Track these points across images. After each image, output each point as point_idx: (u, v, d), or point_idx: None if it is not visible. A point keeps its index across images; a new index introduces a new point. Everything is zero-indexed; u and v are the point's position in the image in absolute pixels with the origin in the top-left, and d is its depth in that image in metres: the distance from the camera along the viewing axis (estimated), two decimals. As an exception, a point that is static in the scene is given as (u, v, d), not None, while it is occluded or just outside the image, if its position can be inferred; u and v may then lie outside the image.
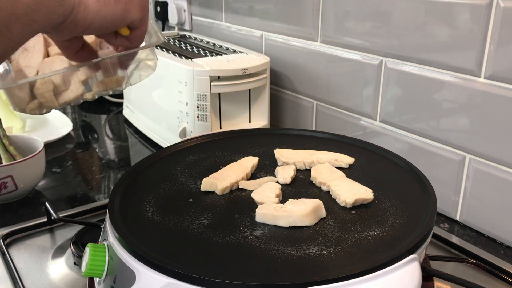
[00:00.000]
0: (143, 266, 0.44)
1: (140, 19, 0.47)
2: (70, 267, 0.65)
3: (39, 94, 0.51)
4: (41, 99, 0.51)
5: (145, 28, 0.50)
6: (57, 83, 0.51)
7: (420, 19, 0.75)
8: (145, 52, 0.56)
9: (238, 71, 0.91)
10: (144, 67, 0.57)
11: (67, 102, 0.53)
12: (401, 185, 0.59)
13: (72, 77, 0.52)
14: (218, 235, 0.49)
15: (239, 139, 0.75)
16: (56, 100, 0.52)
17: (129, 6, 0.45)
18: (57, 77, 0.51)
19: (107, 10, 0.42)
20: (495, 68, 0.67)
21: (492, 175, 0.70)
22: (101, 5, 0.42)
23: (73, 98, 0.53)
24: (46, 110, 0.52)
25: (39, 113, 0.52)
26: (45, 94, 0.50)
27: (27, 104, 0.51)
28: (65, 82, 0.52)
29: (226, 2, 1.20)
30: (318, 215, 0.52)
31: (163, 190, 0.59)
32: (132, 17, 0.46)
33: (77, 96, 0.53)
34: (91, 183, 0.91)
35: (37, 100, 0.51)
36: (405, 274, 0.43)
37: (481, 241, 0.72)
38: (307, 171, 0.63)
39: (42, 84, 0.50)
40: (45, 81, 0.51)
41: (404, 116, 0.82)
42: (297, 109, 1.05)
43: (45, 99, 0.51)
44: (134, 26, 0.48)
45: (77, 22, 0.41)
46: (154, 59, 0.58)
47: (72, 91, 0.52)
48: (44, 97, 0.51)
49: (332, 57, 0.93)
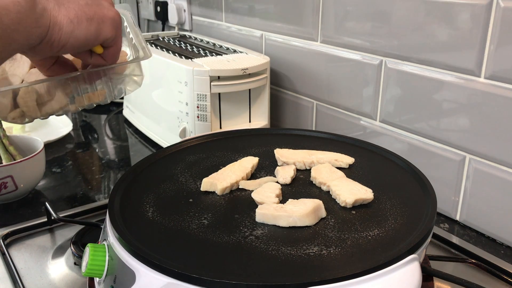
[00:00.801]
0: (143, 266, 0.44)
1: (113, 38, 0.48)
2: (70, 267, 0.65)
3: (22, 103, 0.51)
4: (24, 108, 0.51)
5: (118, 46, 0.51)
6: (41, 93, 0.51)
7: (420, 19, 0.75)
8: (131, 67, 0.57)
9: (238, 71, 0.91)
10: (130, 82, 0.58)
11: (50, 113, 0.53)
12: (401, 185, 0.59)
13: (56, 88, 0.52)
14: (218, 235, 0.49)
15: (239, 139, 0.75)
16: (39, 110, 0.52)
17: (101, 26, 0.46)
18: (41, 87, 0.51)
19: (80, 30, 0.44)
20: (495, 68, 0.67)
21: (492, 175, 0.70)
22: (74, 26, 0.44)
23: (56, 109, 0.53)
24: (28, 120, 0.52)
25: (21, 122, 0.52)
26: (28, 103, 0.51)
27: (9, 112, 0.51)
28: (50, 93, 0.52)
29: (226, 2, 1.20)
30: (318, 215, 0.52)
31: (163, 190, 0.59)
32: (104, 36, 0.47)
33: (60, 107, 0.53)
34: (91, 183, 0.91)
35: (20, 109, 0.51)
36: (405, 274, 0.43)
37: (481, 241, 0.72)
38: (307, 171, 0.63)
39: (26, 93, 0.51)
40: (29, 90, 0.51)
41: (404, 116, 0.82)
42: (297, 109, 1.05)
43: (27, 108, 0.51)
44: (108, 45, 0.49)
45: (52, 43, 0.43)
46: (141, 75, 0.58)
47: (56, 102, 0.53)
48: (27, 106, 0.51)
49: (332, 57, 0.93)
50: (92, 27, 0.45)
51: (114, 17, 0.48)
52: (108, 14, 0.47)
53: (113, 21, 0.48)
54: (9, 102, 0.51)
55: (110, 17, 0.47)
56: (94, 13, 0.46)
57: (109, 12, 0.47)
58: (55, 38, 0.43)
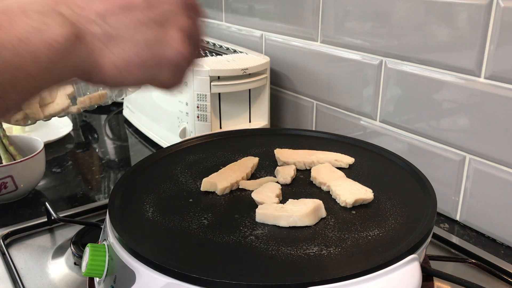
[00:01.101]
0: (143, 266, 0.44)
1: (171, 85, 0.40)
2: (70, 267, 0.65)
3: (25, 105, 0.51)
4: (27, 110, 0.51)
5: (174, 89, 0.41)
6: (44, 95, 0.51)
7: (420, 19, 0.75)
8: None
9: (238, 71, 0.91)
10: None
11: (53, 115, 0.53)
12: (401, 185, 0.59)
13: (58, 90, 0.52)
14: (218, 235, 0.49)
15: (239, 139, 0.75)
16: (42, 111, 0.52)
17: (156, 73, 0.37)
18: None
19: (126, 79, 0.36)
20: (495, 68, 0.67)
21: (492, 175, 0.70)
22: (119, 74, 0.35)
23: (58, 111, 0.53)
24: (31, 122, 0.52)
25: (24, 124, 0.52)
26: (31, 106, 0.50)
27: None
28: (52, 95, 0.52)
29: (226, 2, 1.20)
30: (318, 215, 0.52)
31: (163, 190, 0.59)
32: (158, 81, 0.38)
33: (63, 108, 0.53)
34: (91, 183, 0.91)
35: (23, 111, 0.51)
36: (405, 274, 0.43)
37: (481, 241, 0.72)
38: (307, 171, 0.63)
39: None
40: None
41: (404, 116, 0.82)
42: (297, 109, 1.05)
43: (30, 110, 0.51)
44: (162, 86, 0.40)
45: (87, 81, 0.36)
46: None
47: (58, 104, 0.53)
48: (30, 109, 0.51)
49: (332, 57, 0.92)
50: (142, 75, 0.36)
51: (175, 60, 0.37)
52: (169, 55, 0.37)
53: (174, 66, 0.37)
54: None
55: (171, 60, 0.37)
56: (151, 55, 0.36)
57: (171, 52, 0.37)
58: (94, 80, 0.35)
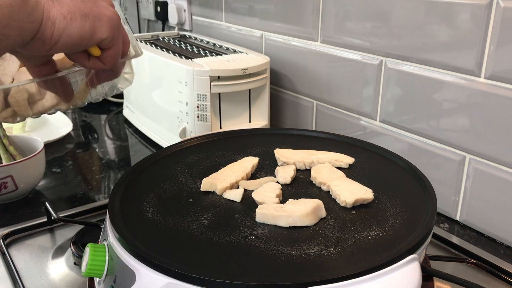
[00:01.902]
0: (143, 266, 0.44)
1: (110, 38, 0.46)
2: (70, 267, 0.65)
3: (13, 102, 0.50)
4: (15, 108, 0.51)
5: (117, 49, 0.48)
6: (32, 92, 0.51)
7: (420, 19, 0.75)
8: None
9: (238, 71, 0.91)
10: (121, 80, 0.57)
11: (42, 112, 0.53)
12: (401, 185, 0.59)
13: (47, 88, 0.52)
14: (218, 235, 0.49)
15: (239, 139, 0.75)
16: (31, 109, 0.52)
17: (97, 24, 0.44)
18: (32, 86, 0.51)
19: (73, 27, 0.42)
20: (495, 68, 0.67)
21: (492, 175, 0.70)
22: (67, 22, 0.42)
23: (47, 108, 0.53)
24: (19, 119, 0.52)
25: (12, 121, 0.52)
26: (19, 103, 0.50)
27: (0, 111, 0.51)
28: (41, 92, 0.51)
29: (226, 2, 1.20)
30: (318, 215, 0.52)
31: (163, 190, 0.59)
32: (100, 36, 0.45)
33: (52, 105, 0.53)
34: (91, 183, 0.91)
35: (11, 108, 0.51)
36: (405, 274, 0.43)
37: (481, 241, 0.72)
38: (307, 171, 0.63)
39: (17, 92, 0.50)
40: (20, 90, 0.50)
41: (404, 116, 0.82)
42: (297, 109, 1.05)
43: (19, 108, 0.51)
44: (105, 46, 0.47)
45: (44, 39, 0.41)
46: (132, 72, 0.57)
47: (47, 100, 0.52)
48: (18, 106, 0.50)
49: (332, 57, 0.93)
50: (86, 25, 0.43)
51: (111, 16, 0.45)
52: (105, 12, 0.45)
53: (111, 20, 0.45)
54: (0, 102, 0.50)
55: (107, 15, 0.45)
56: (89, 10, 0.43)
57: (106, 11, 0.45)
58: (48, 35, 0.41)
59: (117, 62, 0.50)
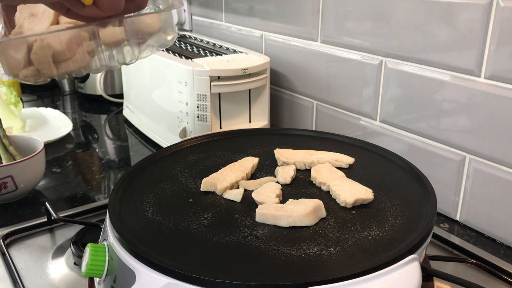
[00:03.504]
0: (143, 266, 0.44)
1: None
2: (70, 267, 0.65)
3: (36, 59, 0.46)
4: (38, 66, 0.46)
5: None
6: (58, 50, 0.47)
7: (420, 19, 0.75)
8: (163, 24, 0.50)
9: (238, 71, 0.91)
10: (159, 41, 0.51)
11: (68, 72, 0.48)
12: (401, 185, 0.59)
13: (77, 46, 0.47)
14: (218, 235, 0.49)
15: (239, 139, 0.75)
16: (56, 68, 0.47)
17: None
18: (57, 44, 0.46)
19: None
20: (495, 68, 0.67)
21: (492, 175, 0.70)
22: None
23: (76, 68, 0.48)
24: (42, 79, 0.47)
25: (34, 81, 0.48)
26: (42, 60, 0.46)
27: (21, 69, 0.47)
28: (69, 50, 0.47)
29: (226, 2, 1.20)
30: (318, 215, 0.52)
31: (163, 190, 0.59)
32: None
33: (81, 66, 0.48)
34: (91, 183, 0.91)
35: (33, 66, 0.47)
36: (405, 274, 0.43)
37: (481, 241, 0.72)
38: (307, 171, 0.63)
39: (40, 49, 0.46)
40: (43, 46, 0.46)
41: (404, 116, 0.82)
42: (297, 109, 1.05)
43: (42, 66, 0.46)
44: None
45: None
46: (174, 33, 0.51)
47: (76, 61, 0.48)
48: (41, 63, 0.46)
49: (332, 57, 0.93)
50: None
51: None
52: None
53: None
54: (22, 58, 0.46)
55: None
56: None
57: None
58: None
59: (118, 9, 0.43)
